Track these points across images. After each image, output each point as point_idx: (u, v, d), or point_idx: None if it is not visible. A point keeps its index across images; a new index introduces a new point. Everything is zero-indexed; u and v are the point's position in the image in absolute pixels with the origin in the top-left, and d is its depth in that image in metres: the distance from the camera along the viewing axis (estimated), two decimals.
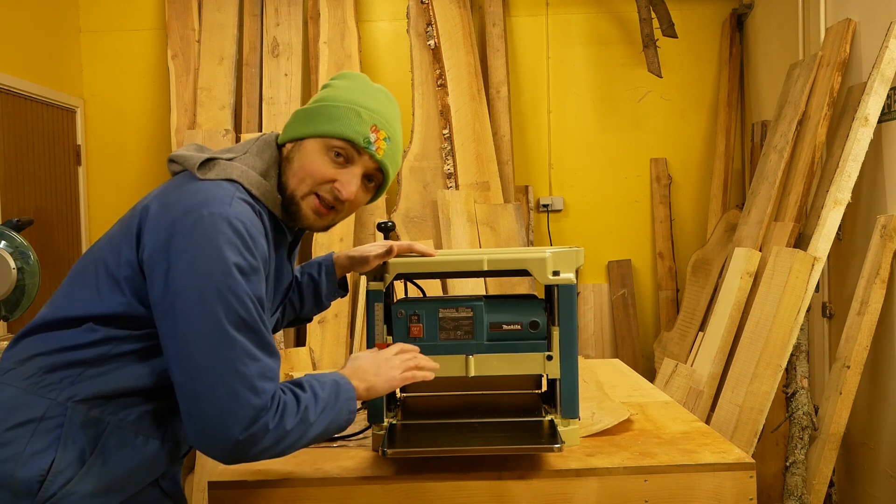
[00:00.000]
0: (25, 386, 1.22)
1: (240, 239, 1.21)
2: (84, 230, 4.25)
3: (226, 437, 1.18)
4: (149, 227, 1.23)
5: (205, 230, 1.19)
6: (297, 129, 1.37)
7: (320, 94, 1.40)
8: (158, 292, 1.20)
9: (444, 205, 3.89)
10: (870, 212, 2.92)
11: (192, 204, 1.22)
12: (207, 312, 1.17)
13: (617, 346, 4.30)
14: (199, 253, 1.18)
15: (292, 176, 1.35)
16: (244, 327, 1.20)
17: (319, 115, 1.36)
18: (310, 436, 1.27)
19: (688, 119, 4.39)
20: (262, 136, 1.40)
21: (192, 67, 4.13)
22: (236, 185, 1.29)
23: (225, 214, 1.21)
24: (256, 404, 1.19)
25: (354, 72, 1.48)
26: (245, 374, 1.18)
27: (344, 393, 1.32)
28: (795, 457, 2.85)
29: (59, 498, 1.18)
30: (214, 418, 1.18)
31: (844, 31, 3.06)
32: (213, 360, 1.17)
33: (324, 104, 1.37)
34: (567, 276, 1.47)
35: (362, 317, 3.76)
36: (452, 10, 4.10)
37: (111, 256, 1.26)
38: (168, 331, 1.20)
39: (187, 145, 1.40)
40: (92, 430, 1.22)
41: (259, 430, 1.19)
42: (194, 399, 1.19)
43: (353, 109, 1.35)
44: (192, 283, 1.18)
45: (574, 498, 1.42)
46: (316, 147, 1.35)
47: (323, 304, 1.69)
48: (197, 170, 1.30)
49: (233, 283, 1.19)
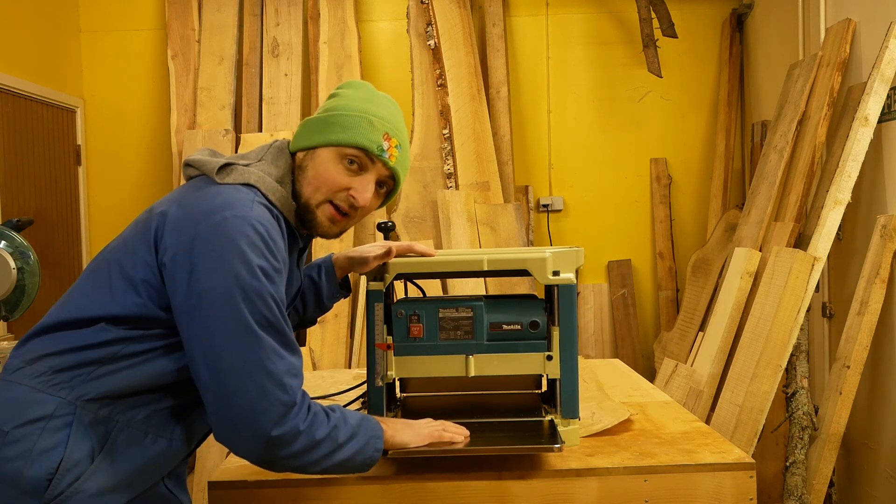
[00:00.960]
0: (35, 384, 1.23)
1: (262, 242, 1.23)
2: (84, 230, 4.25)
3: (258, 434, 1.20)
4: (169, 230, 1.24)
5: (228, 232, 1.21)
6: (309, 139, 1.38)
7: (329, 104, 1.41)
8: (182, 293, 1.21)
9: (444, 205, 3.89)
10: (870, 212, 2.92)
11: (214, 206, 1.24)
12: (234, 312, 1.19)
13: (617, 346, 4.30)
14: (223, 254, 1.20)
15: (307, 185, 1.37)
16: (269, 327, 1.22)
17: (332, 125, 1.37)
18: (337, 459, 1.28)
19: (688, 119, 4.39)
20: (276, 143, 1.41)
21: (192, 67, 4.13)
22: (255, 190, 1.31)
23: (248, 217, 1.23)
24: (286, 400, 1.21)
25: (360, 80, 1.48)
26: (273, 371, 1.20)
27: (372, 429, 1.33)
28: (795, 457, 2.85)
29: (68, 496, 1.18)
30: (246, 416, 1.19)
31: (844, 31, 3.06)
32: (242, 360, 1.19)
33: (335, 113, 1.38)
34: (567, 276, 1.47)
35: (362, 317, 3.76)
36: (452, 10, 4.10)
37: (126, 258, 1.27)
38: (193, 331, 1.21)
39: (200, 150, 1.41)
40: (101, 428, 1.23)
41: (290, 430, 1.21)
42: (224, 398, 1.20)
43: (365, 118, 1.37)
44: (216, 283, 1.19)
45: (574, 498, 1.43)
46: (330, 156, 1.36)
47: (325, 306, 1.69)
48: (216, 174, 1.31)
49: (257, 284, 1.21)
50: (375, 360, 1.49)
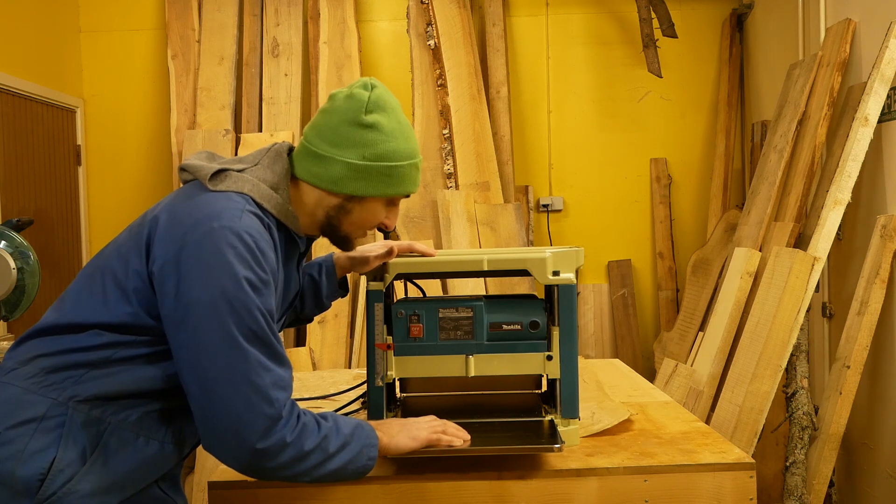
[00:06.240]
0: (27, 385, 1.23)
1: (249, 253, 1.22)
2: (84, 230, 4.25)
3: (242, 446, 1.20)
4: (158, 239, 1.24)
5: (215, 243, 1.21)
6: (359, 187, 1.35)
7: (371, 139, 1.34)
8: (170, 304, 1.21)
9: (444, 205, 3.89)
10: (870, 212, 2.92)
11: (202, 216, 1.23)
12: (219, 325, 1.19)
13: (617, 346, 4.30)
14: (209, 266, 1.20)
15: (350, 225, 1.40)
16: (255, 339, 1.21)
17: (385, 177, 1.35)
18: (328, 468, 1.27)
19: (688, 119, 4.39)
20: (274, 147, 1.40)
21: (192, 67, 4.13)
22: (246, 197, 1.30)
23: (235, 228, 1.22)
24: (271, 413, 1.20)
25: (384, 95, 1.38)
26: (259, 384, 1.20)
27: (366, 437, 1.32)
28: (795, 457, 2.84)
29: (59, 497, 1.19)
30: (231, 428, 1.20)
31: (844, 31, 3.06)
32: (228, 373, 1.19)
33: (389, 164, 1.35)
34: (567, 276, 1.47)
35: (362, 317, 3.76)
36: (452, 10, 4.10)
37: (119, 266, 1.27)
38: (181, 343, 1.21)
39: (198, 153, 1.40)
40: (93, 429, 1.23)
41: (276, 443, 1.21)
42: (210, 409, 1.20)
43: (414, 165, 1.39)
44: (202, 296, 1.19)
45: (574, 498, 1.42)
46: (380, 202, 1.39)
47: (323, 305, 1.69)
48: (208, 181, 1.30)
49: (243, 296, 1.20)
50: (375, 360, 1.49)
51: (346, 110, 1.36)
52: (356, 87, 1.38)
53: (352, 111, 1.35)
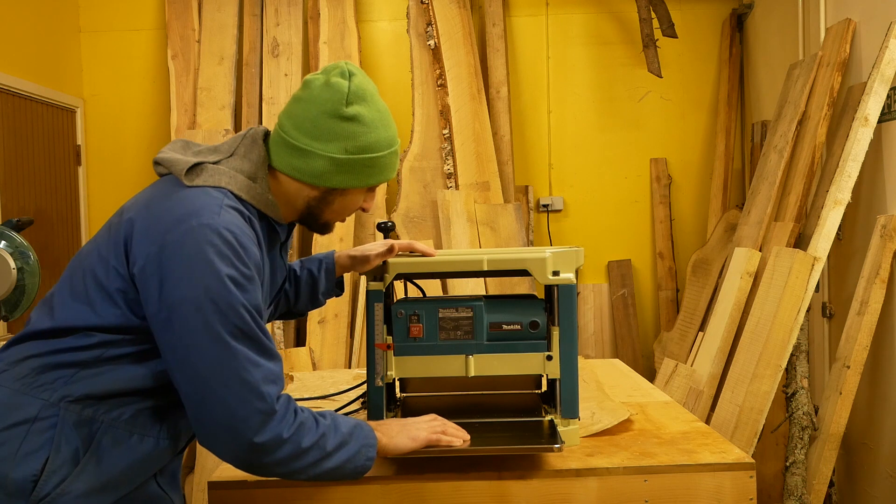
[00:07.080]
0: (18, 387, 1.23)
1: (231, 249, 1.21)
2: (84, 230, 4.25)
3: (238, 442, 1.20)
4: (137, 240, 1.23)
5: (195, 242, 1.19)
6: (342, 180, 1.33)
7: (352, 131, 1.31)
8: (154, 306, 1.20)
9: (444, 205, 3.89)
10: (870, 212, 2.92)
11: (180, 214, 1.22)
12: (205, 325, 1.18)
13: (617, 346, 4.29)
14: (190, 266, 1.18)
15: (331, 213, 1.40)
16: (242, 336, 1.20)
17: (368, 168, 1.34)
18: (326, 467, 1.27)
19: (688, 119, 4.39)
20: (249, 133, 1.36)
21: (192, 67, 4.13)
22: (224, 191, 1.27)
23: (214, 225, 1.20)
24: (264, 408, 1.20)
25: (363, 83, 1.34)
26: (249, 381, 1.20)
27: (365, 437, 1.31)
28: (795, 457, 2.84)
29: (54, 497, 1.18)
30: (226, 425, 1.19)
31: (844, 31, 3.06)
32: (217, 372, 1.19)
33: (371, 156, 1.33)
34: (567, 276, 1.47)
35: (362, 317, 3.76)
36: (452, 10, 4.10)
37: (100, 267, 1.26)
38: (168, 343, 1.20)
39: (172, 143, 1.38)
40: (85, 429, 1.22)
41: (273, 438, 1.21)
42: (203, 408, 1.20)
43: (394, 152, 1.38)
44: (186, 295, 1.18)
45: (574, 498, 1.42)
46: (361, 191, 1.39)
47: (318, 301, 1.69)
48: (184, 176, 1.28)
49: (227, 294, 1.19)
50: (375, 360, 1.49)
51: (324, 101, 1.30)
52: (333, 74, 1.32)
53: (331, 102, 1.30)
